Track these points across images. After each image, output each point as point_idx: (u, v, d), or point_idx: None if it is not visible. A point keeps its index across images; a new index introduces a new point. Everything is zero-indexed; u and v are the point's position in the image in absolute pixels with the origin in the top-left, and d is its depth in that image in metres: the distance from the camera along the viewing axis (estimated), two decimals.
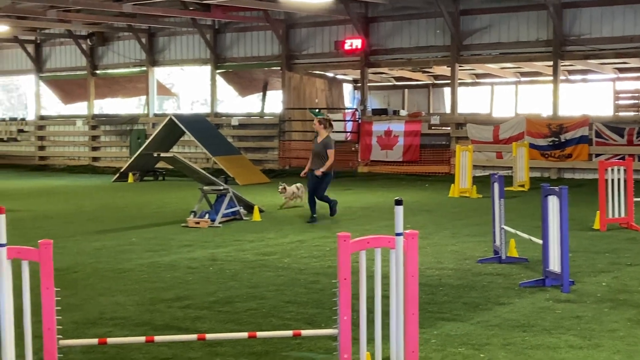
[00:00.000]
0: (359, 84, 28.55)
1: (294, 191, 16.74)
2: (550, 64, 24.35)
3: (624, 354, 6.21)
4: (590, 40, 23.15)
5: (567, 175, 23.10)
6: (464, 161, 19.26)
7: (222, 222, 14.14)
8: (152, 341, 5.83)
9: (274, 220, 14.81)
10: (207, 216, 14.14)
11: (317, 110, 28.52)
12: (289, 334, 6.11)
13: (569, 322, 7.13)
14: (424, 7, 25.36)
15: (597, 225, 13.08)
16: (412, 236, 5.61)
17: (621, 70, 27.97)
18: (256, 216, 14.93)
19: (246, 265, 10.21)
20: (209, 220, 13.98)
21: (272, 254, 11.02)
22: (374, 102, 32.17)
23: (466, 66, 27.58)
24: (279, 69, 28.88)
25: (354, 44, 26.38)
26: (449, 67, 25.89)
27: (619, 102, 27.60)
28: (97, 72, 33.53)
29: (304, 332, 6.06)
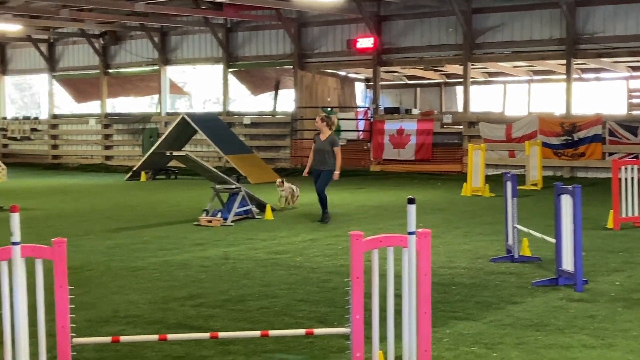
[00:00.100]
0: (371, 83, 28.52)
1: (293, 189, 16.61)
2: (563, 62, 24.28)
3: (638, 353, 6.18)
4: (603, 38, 23.06)
5: (580, 174, 23.03)
6: (476, 160, 19.21)
7: (234, 221, 14.17)
8: (165, 339, 5.85)
9: (286, 218, 14.82)
10: (219, 215, 14.16)
11: (329, 109, 28.52)
12: (301, 332, 6.10)
13: (582, 322, 7.11)
14: (436, 5, 25.31)
15: (610, 224, 13.03)
16: (424, 235, 5.60)
17: (634, 68, 27.80)
18: (268, 215, 14.94)
19: (258, 263, 10.23)
20: (221, 218, 14.00)
21: (285, 253, 11.03)
22: (386, 100, 32.11)
23: (478, 65, 27.50)
24: (291, 67, 28.90)
25: (366, 42, 26.36)
26: (461, 65, 25.84)
27: (632, 100, 27.41)
28: (110, 71, 33.63)
29: (317, 331, 6.05)
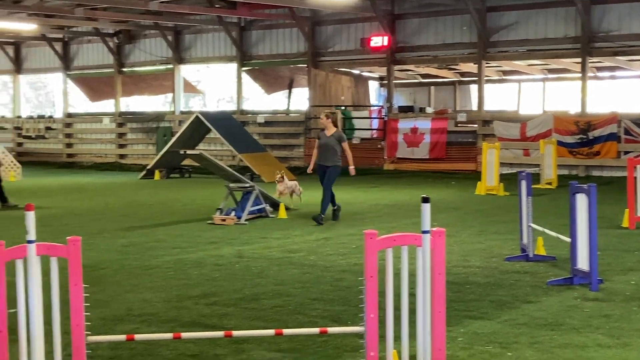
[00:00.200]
0: (385, 81, 28.49)
1: (292, 185, 16.44)
2: (578, 60, 24.17)
3: None
4: (619, 36, 22.94)
5: (595, 172, 22.92)
6: (490, 159, 19.15)
7: (248, 220, 14.17)
8: (179, 338, 5.86)
9: (300, 217, 14.81)
10: (233, 213, 14.17)
11: (343, 107, 28.51)
12: (315, 331, 6.10)
13: (597, 321, 7.07)
14: (450, 3, 25.25)
15: (625, 223, 12.95)
16: (439, 234, 5.58)
17: None
18: (282, 213, 14.94)
19: (272, 262, 10.23)
20: (235, 217, 14.01)
21: (298, 251, 11.03)
22: (400, 99, 32.07)
23: (493, 63, 27.43)
24: (305, 66, 28.91)
25: (380, 41, 26.33)
26: (475, 64, 25.78)
27: None
28: (124, 69, 33.74)
29: (331, 330, 6.05)
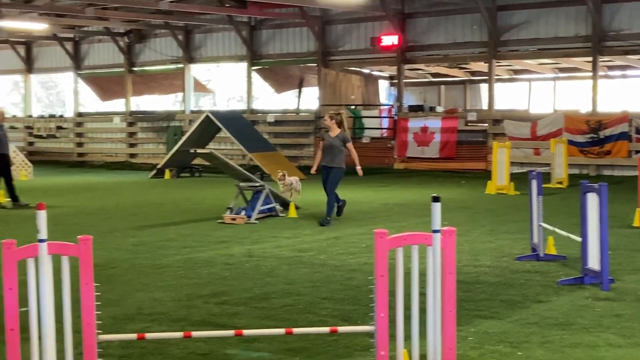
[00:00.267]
0: (395, 81, 28.47)
1: (292, 182, 16.14)
2: (589, 59, 24.10)
3: None
4: (630, 35, 22.84)
5: (606, 172, 22.85)
6: (501, 158, 19.12)
7: (258, 219, 14.18)
8: (190, 337, 5.86)
9: (310, 216, 14.81)
10: (243, 212, 14.19)
11: (353, 107, 28.50)
12: (325, 330, 6.10)
13: (608, 321, 7.05)
14: (460, 2, 25.22)
15: (637, 222, 12.91)
16: (449, 233, 5.58)
17: None
18: (292, 213, 14.94)
19: (282, 261, 10.24)
20: (245, 216, 14.03)
21: (308, 251, 11.03)
22: (410, 98, 32.05)
23: (503, 62, 27.36)
24: (315, 65, 28.91)
25: (390, 40, 26.30)
26: (486, 63, 25.72)
27: None
28: (135, 69, 33.82)
29: (341, 329, 6.05)
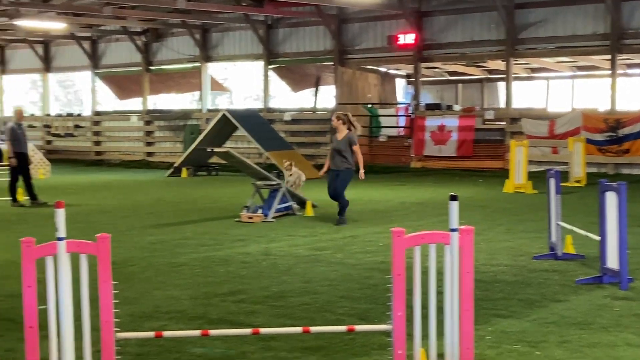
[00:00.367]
0: (412, 79, 28.41)
1: (299, 174, 16.37)
2: (607, 57, 23.95)
3: None
4: None
5: (624, 170, 22.72)
6: (519, 156, 19.05)
7: (275, 217, 14.20)
8: (207, 335, 5.88)
9: (327, 215, 14.80)
10: (260, 211, 14.20)
11: (369, 105, 28.46)
12: (342, 329, 6.09)
13: (627, 320, 7.01)
14: (478, 1, 25.12)
15: None
16: (467, 232, 5.56)
17: None
18: (309, 211, 14.94)
19: (299, 260, 10.24)
20: (262, 215, 14.04)
21: (325, 249, 11.03)
22: (427, 96, 31.98)
23: (521, 60, 27.23)
24: (332, 64, 28.90)
25: (407, 38, 26.25)
26: (503, 61, 25.62)
27: None
28: (152, 68, 33.93)
29: (358, 328, 6.04)
